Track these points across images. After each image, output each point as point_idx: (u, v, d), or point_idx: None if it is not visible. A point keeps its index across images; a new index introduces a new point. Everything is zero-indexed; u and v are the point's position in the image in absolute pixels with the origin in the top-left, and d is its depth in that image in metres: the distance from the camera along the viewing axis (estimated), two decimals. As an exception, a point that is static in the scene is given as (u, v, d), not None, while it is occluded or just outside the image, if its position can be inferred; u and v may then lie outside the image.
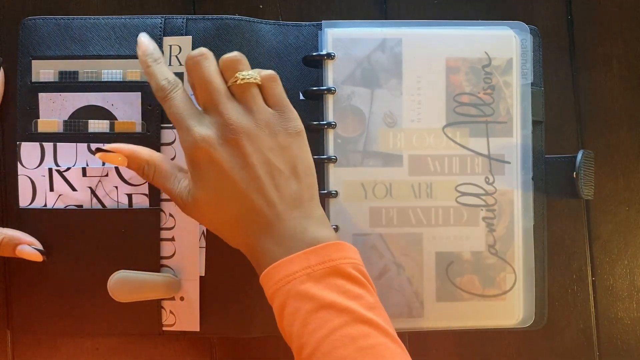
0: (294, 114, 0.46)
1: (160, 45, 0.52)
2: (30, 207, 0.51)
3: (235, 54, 0.46)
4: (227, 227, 0.45)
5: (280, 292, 0.42)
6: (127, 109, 0.51)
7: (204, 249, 0.51)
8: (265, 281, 0.43)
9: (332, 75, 0.52)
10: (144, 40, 0.47)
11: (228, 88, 0.45)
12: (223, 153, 0.43)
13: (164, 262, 0.51)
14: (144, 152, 0.46)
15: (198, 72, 0.45)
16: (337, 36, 0.52)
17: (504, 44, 0.53)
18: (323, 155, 0.52)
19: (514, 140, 0.53)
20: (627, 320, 0.57)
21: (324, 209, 0.51)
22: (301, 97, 0.53)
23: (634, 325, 0.57)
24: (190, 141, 0.43)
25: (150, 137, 0.51)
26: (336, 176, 0.52)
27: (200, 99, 0.45)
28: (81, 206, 0.51)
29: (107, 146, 0.46)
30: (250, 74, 0.45)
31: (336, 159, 0.51)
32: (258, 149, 0.44)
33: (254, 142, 0.44)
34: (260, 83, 0.45)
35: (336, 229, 0.51)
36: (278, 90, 0.46)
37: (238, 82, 0.45)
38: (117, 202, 0.51)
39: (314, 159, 0.51)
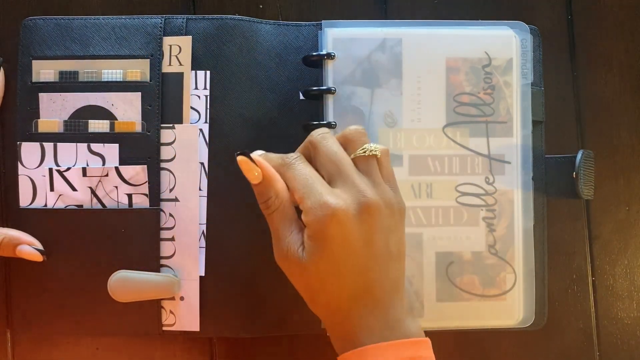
0: (398, 188, 0.46)
1: (160, 45, 0.52)
2: (30, 207, 0.51)
3: (359, 126, 0.46)
4: (325, 295, 0.44)
5: None
6: (127, 109, 0.51)
7: (204, 249, 0.51)
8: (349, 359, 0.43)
9: (332, 75, 0.52)
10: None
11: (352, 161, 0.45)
12: (354, 225, 0.42)
13: (164, 262, 0.51)
14: (279, 184, 0.44)
15: (325, 146, 0.45)
16: (337, 36, 0.52)
17: (504, 44, 0.53)
18: (323, 155, 0.52)
19: (514, 140, 0.53)
20: (627, 320, 0.57)
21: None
22: (301, 97, 0.53)
23: (634, 325, 0.57)
24: (322, 206, 0.42)
25: (150, 137, 0.51)
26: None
27: (326, 173, 0.45)
28: (81, 206, 0.51)
29: (255, 155, 0.44)
30: (375, 147, 0.45)
31: (336, 159, 0.51)
32: (382, 226, 0.43)
33: (381, 219, 0.43)
34: (379, 155, 0.45)
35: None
36: (390, 164, 0.46)
37: (367, 153, 0.45)
38: (117, 202, 0.51)
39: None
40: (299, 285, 0.45)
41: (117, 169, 0.51)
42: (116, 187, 0.51)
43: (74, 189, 0.51)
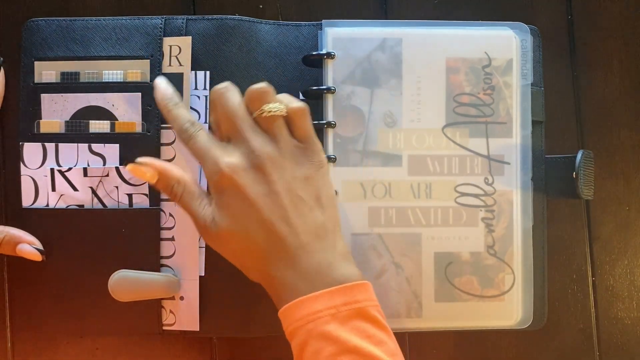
0: (318, 146, 0.46)
1: (160, 45, 0.52)
2: (32, 207, 0.52)
3: (262, 85, 0.46)
4: (248, 257, 0.45)
5: (302, 330, 0.41)
6: (128, 110, 0.52)
7: (204, 249, 0.52)
8: (285, 316, 0.43)
9: (331, 74, 0.52)
10: (162, 85, 0.47)
11: (254, 119, 0.45)
12: (248, 179, 0.43)
13: (164, 261, 0.52)
14: (175, 170, 0.46)
15: (222, 103, 0.45)
16: (337, 36, 0.52)
17: (504, 44, 0.53)
18: (322, 155, 0.52)
19: (513, 141, 0.53)
20: (627, 320, 0.57)
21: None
22: (301, 96, 0.53)
23: (634, 325, 0.57)
24: (215, 169, 0.43)
25: (150, 137, 0.51)
26: (335, 176, 0.51)
27: (224, 130, 0.45)
28: (82, 206, 0.52)
29: (139, 159, 0.45)
30: (276, 107, 0.45)
31: (335, 159, 0.51)
32: (282, 177, 0.44)
33: (278, 170, 0.44)
34: (285, 115, 0.45)
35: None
36: (306, 124, 0.46)
37: (264, 114, 0.45)
38: (118, 202, 0.52)
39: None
40: (226, 255, 0.46)
41: (117, 169, 0.51)
42: (117, 187, 0.51)
43: (75, 189, 0.52)
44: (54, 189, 0.52)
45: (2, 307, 0.53)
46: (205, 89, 0.52)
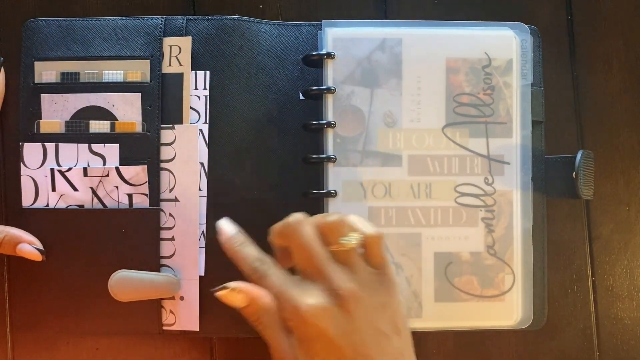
0: (390, 268, 0.45)
1: (160, 45, 0.52)
2: (33, 207, 0.52)
3: (338, 217, 0.44)
4: None
5: None
6: (128, 110, 0.52)
7: (204, 249, 0.52)
8: None
9: (331, 74, 0.52)
10: (225, 226, 0.46)
11: (330, 252, 0.43)
12: (330, 321, 0.41)
13: (164, 261, 0.52)
14: (265, 299, 0.43)
15: (297, 238, 0.43)
16: (337, 36, 0.52)
17: (504, 44, 0.53)
18: (322, 154, 0.52)
19: (513, 141, 0.53)
20: (627, 320, 0.57)
21: (323, 209, 0.51)
22: (301, 97, 0.53)
23: (634, 325, 0.57)
24: (295, 313, 0.41)
25: (150, 137, 0.51)
26: (335, 176, 0.51)
27: (299, 265, 0.44)
28: (82, 206, 0.52)
29: (233, 284, 0.43)
30: (354, 239, 0.43)
31: (335, 159, 0.51)
32: (363, 311, 0.42)
33: (359, 305, 0.42)
34: (360, 243, 0.44)
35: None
36: (382, 251, 0.44)
37: (342, 248, 0.43)
38: (118, 201, 0.52)
39: (313, 158, 0.51)
40: None
41: (117, 169, 0.51)
42: (117, 187, 0.51)
43: (75, 189, 0.52)
44: (54, 189, 0.52)
45: (2, 307, 0.53)
46: (205, 89, 0.52)
